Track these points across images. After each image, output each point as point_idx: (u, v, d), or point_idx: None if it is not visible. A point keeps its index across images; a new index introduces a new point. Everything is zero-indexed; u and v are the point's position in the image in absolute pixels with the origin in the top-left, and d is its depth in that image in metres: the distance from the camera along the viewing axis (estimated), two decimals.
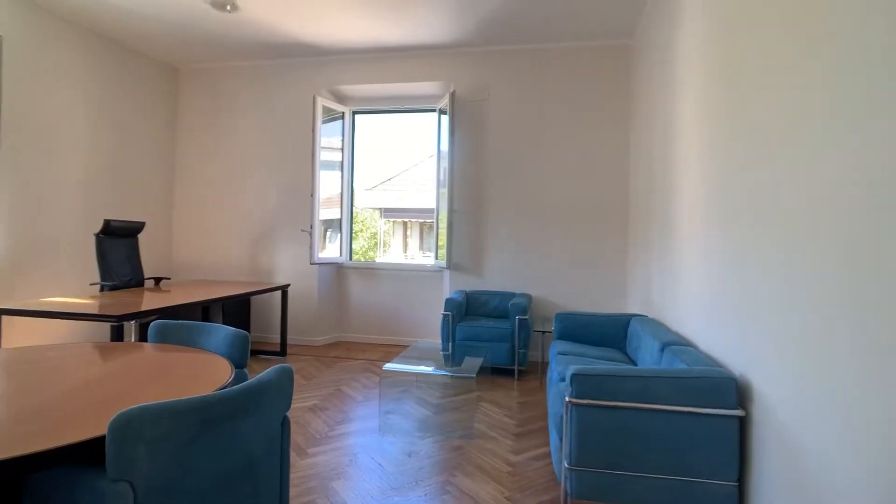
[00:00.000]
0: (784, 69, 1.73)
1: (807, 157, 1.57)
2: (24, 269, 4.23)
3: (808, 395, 1.53)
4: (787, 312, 1.66)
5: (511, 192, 4.94)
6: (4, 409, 1.48)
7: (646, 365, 2.79)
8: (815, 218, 1.51)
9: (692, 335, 2.70)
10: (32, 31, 4.23)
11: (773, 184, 1.79)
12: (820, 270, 1.48)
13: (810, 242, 1.54)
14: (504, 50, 4.95)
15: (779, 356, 1.72)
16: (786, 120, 1.71)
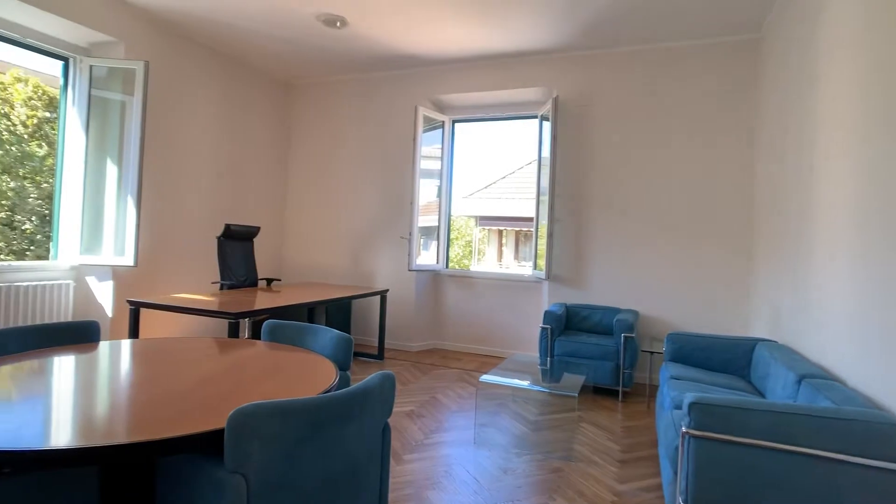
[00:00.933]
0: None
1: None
2: (159, 268, 4.70)
3: None
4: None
5: (617, 201, 4.70)
6: (144, 395, 1.61)
7: (776, 398, 2.48)
8: None
9: (836, 368, 2.36)
10: (171, 55, 4.73)
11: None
12: None
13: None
14: (611, 52, 4.74)
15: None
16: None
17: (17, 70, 5.42)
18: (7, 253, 5.17)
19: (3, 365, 1.84)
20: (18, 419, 1.41)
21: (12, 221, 5.26)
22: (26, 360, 1.92)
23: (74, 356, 2.03)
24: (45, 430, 1.36)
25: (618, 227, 4.69)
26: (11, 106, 5.31)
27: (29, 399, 1.59)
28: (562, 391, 3.19)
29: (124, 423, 1.39)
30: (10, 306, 3.70)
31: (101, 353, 2.09)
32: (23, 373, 1.79)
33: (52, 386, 1.71)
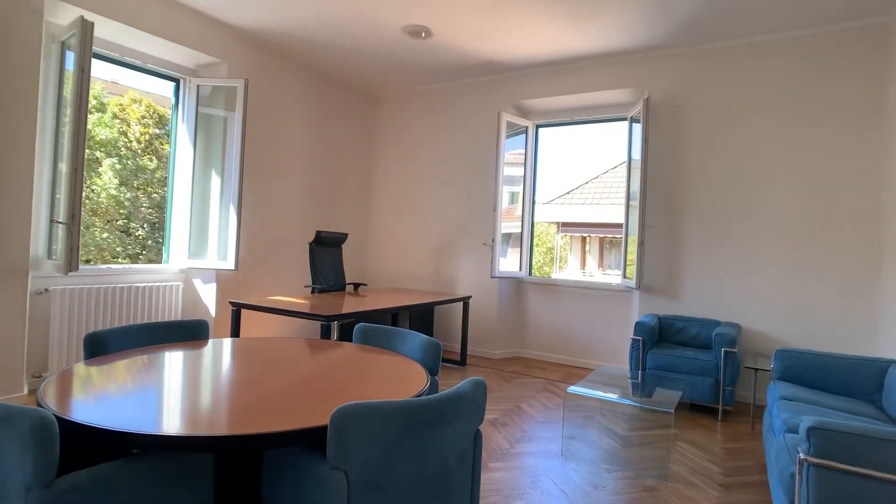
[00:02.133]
0: None
1: None
2: (257, 271, 5.01)
3: None
4: None
5: (716, 205, 4.40)
6: (251, 391, 1.71)
7: None
8: None
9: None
10: (267, 72, 5.05)
11: None
12: None
13: None
14: (709, 48, 4.46)
15: None
16: None
17: (132, 92, 6.05)
18: (123, 256, 5.75)
19: (130, 358, 2.04)
20: (145, 407, 1.55)
21: (128, 228, 5.85)
22: (148, 354, 2.11)
23: (189, 352, 2.20)
24: (167, 418, 1.49)
25: (717, 235, 4.39)
26: (129, 124, 5.92)
27: (153, 390, 1.74)
28: (657, 406, 3.02)
29: (235, 416, 1.48)
30: (128, 304, 4.09)
31: (212, 350, 2.26)
32: (146, 366, 1.97)
33: (170, 379, 1.87)
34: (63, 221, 3.38)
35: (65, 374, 1.76)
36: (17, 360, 3.33)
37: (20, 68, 3.28)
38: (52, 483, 1.22)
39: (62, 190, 3.47)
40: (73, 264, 3.35)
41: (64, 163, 3.45)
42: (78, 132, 3.30)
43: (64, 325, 3.70)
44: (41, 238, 3.58)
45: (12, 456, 1.21)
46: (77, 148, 3.30)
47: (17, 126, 3.29)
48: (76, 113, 3.31)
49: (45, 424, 1.20)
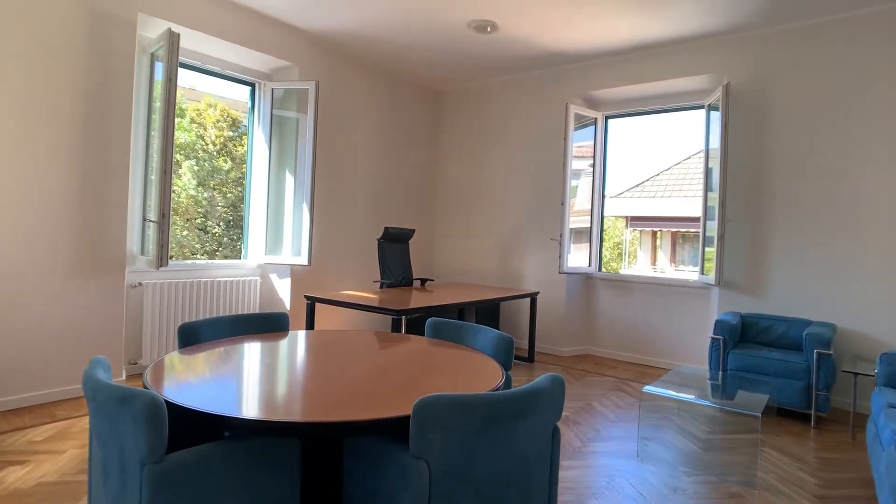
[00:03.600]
0: None
1: None
2: (328, 266, 5.18)
3: None
4: None
5: (808, 196, 4.09)
6: (332, 380, 1.77)
7: None
8: None
9: None
10: (336, 73, 5.19)
11: None
12: None
13: None
14: (799, 27, 4.14)
15: None
16: None
17: (208, 97, 6.40)
18: (202, 253, 6.11)
19: (219, 347, 2.16)
20: (235, 393, 1.64)
21: (205, 226, 6.21)
22: (236, 344, 2.22)
23: (273, 343, 2.30)
24: (257, 403, 1.56)
25: (808, 228, 4.08)
26: (205, 128, 6.28)
27: (242, 377, 1.84)
28: (743, 410, 2.86)
29: (320, 404, 1.53)
30: (210, 298, 4.34)
31: (293, 342, 2.35)
32: (235, 355, 2.08)
33: (257, 367, 1.96)
34: (154, 220, 3.63)
35: (163, 361, 1.89)
36: (116, 348, 3.64)
37: (117, 79, 3.57)
38: (163, 459, 1.31)
39: (153, 191, 3.73)
40: (164, 260, 3.59)
41: (154, 165, 3.71)
42: (166, 137, 3.54)
43: (155, 316, 3.98)
44: (135, 235, 3.87)
45: (129, 433, 1.32)
46: (166, 152, 3.54)
47: (114, 132, 3.58)
48: (164, 119, 3.54)
49: (157, 404, 1.30)
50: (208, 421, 1.38)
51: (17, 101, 3.13)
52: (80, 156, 3.40)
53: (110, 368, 1.63)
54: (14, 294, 3.17)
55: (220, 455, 1.40)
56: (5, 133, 3.09)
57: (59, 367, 3.36)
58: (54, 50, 3.25)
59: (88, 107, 3.43)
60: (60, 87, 3.29)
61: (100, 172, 3.50)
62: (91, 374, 1.47)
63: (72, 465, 2.50)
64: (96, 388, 1.41)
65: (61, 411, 3.18)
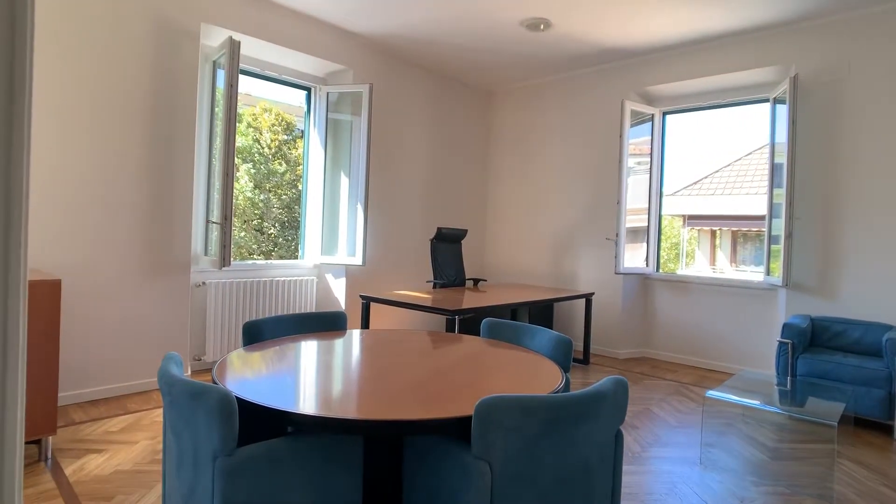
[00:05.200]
0: None
1: None
2: (382, 266, 5.26)
3: None
4: None
5: (881, 194, 3.82)
6: (390, 379, 1.79)
7: None
8: None
9: None
10: (389, 76, 5.26)
11: None
12: None
13: None
14: (873, 12, 3.87)
15: None
16: None
17: (263, 102, 6.62)
18: (258, 253, 6.33)
19: (282, 345, 2.23)
20: (299, 390, 1.69)
21: (262, 227, 6.42)
22: (297, 342, 2.29)
23: (332, 341, 2.35)
24: (320, 400, 1.60)
25: (882, 227, 3.81)
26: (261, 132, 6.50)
27: (304, 374, 1.89)
28: (817, 418, 2.70)
29: (382, 402, 1.55)
30: (269, 297, 4.49)
31: (351, 340, 2.40)
32: (297, 352, 2.14)
33: (319, 365, 2.01)
34: (217, 221, 3.79)
35: (229, 358, 1.96)
36: (182, 344, 3.82)
37: (182, 87, 3.75)
38: (234, 452, 1.36)
39: (215, 194, 3.89)
40: (227, 260, 3.75)
41: (216, 169, 3.87)
42: (228, 142, 3.69)
43: (218, 313, 4.16)
44: (199, 236, 4.05)
45: (202, 426, 1.38)
46: (228, 156, 3.69)
47: (179, 138, 3.76)
48: (226, 125, 3.70)
49: (229, 399, 1.36)
50: (273, 416, 1.43)
51: (90, 109, 3.33)
52: (148, 162, 3.60)
53: (182, 364, 1.72)
54: (89, 294, 3.37)
55: (287, 450, 1.44)
56: (79, 140, 3.30)
57: (129, 362, 3.56)
58: (123, 60, 3.44)
59: (155, 114, 3.62)
60: (129, 95, 3.48)
61: (166, 177, 3.69)
62: (166, 370, 1.54)
63: (145, 454, 2.64)
64: (171, 382, 1.49)
65: (133, 404, 3.36)
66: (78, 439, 2.79)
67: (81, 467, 2.47)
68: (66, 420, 3.04)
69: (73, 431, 2.88)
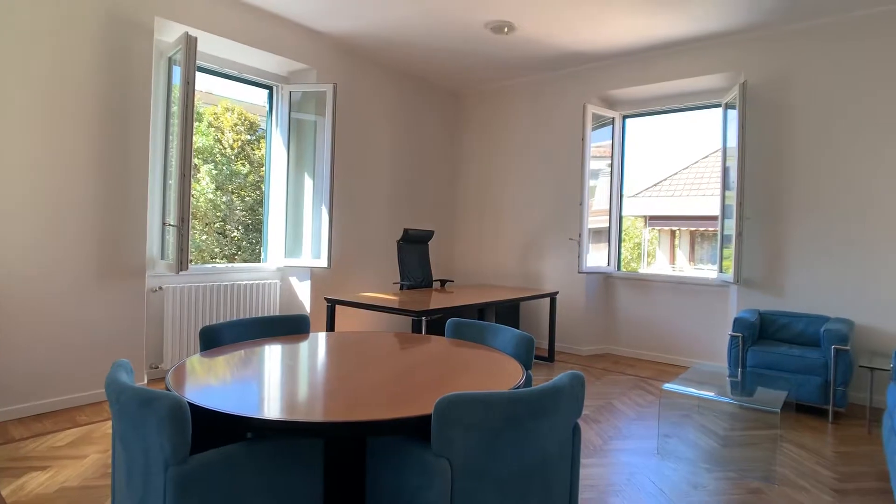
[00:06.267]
0: None
1: None
2: (348, 269, 5.22)
3: None
4: None
5: (823, 194, 4.05)
6: (354, 381, 1.79)
7: None
8: None
9: None
10: (354, 76, 5.23)
11: None
12: None
13: None
14: (816, 25, 4.09)
15: None
16: None
17: (225, 101, 6.48)
18: (220, 257, 6.20)
19: (241, 349, 2.20)
20: (258, 395, 1.67)
21: (224, 230, 6.29)
22: (257, 346, 2.26)
23: (294, 345, 2.34)
24: (280, 405, 1.59)
25: (825, 226, 4.04)
26: (223, 132, 6.36)
27: (264, 379, 1.87)
28: (762, 406, 2.84)
29: (343, 404, 1.56)
30: (231, 301, 4.40)
31: (314, 344, 2.39)
32: (256, 357, 2.12)
33: (279, 369, 2.00)
34: (174, 224, 3.68)
35: (185, 364, 1.93)
36: (137, 352, 3.68)
37: (135, 84, 3.62)
38: (187, 460, 1.34)
39: (172, 195, 3.79)
40: (184, 264, 3.65)
41: (173, 169, 3.77)
42: (185, 141, 3.60)
43: (176, 319, 4.05)
44: (155, 240, 3.94)
45: (152, 435, 1.35)
46: (185, 156, 3.60)
47: (133, 137, 3.63)
48: (183, 123, 3.60)
49: (180, 405, 1.32)
50: (231, 422, 1.41)
51: (38, 105, 3.18)
52: (99, 160, 3.46)
53: (133, 372, 1.67)
54: (34, 299, 3.20)
55: (244, 455, 1.43)
56: (26, 138, 3.14)
57: (80, 372, 3.40)
58: (72, 55, 3.31)
59: (107, 111, 3.48)
60: (79, 91, 3.34)
61: (119, 177, 3.56)
62: (114, 377, 1.49)
63: (94, 469, 2.51)
64: (120, 390, 1.44)
65: (83, 416, 3.20)
66: (18, 457, 2.62)
67: (21, 487, 2.31)
68: (5, 437, 2.85)
69: (13, 449, 2.71)
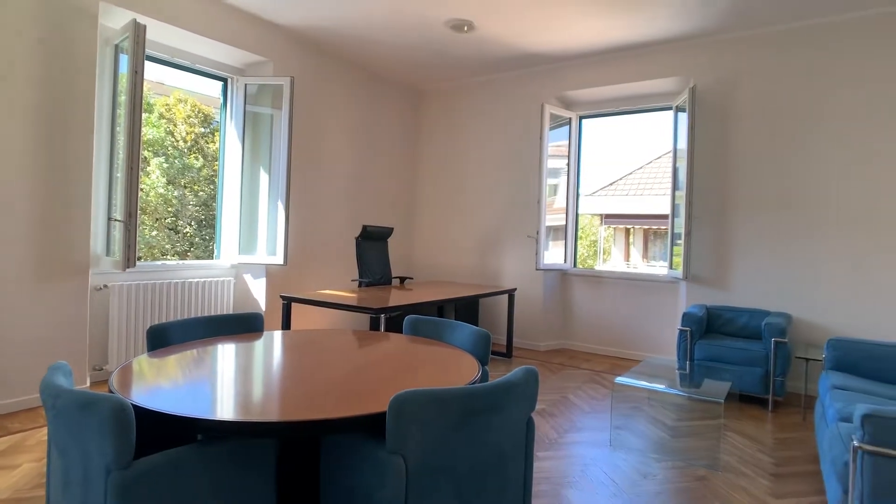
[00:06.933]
0: None
1: None
2: (305, 266, 5.13)
3: None
4: None
5: (765, 195, 4.26)
6: (309, 379, 1.77)
7: None
8: None
9: None
10: (312, 70, 5.13)
11: None
12: None
13: None
14: (760, 33, 4.29)
15: None
16: None
17: (178, 92, 6.25)
18: (172, 254, 5.98)
19: (191, 349, 2.13)
20: (208, 395, 1.63)
21: (176, 226, 6.07)
22: (208, 346, 2.20)
23: (247, 343, 2.29)
24: (231, 405, 1.55)
25: (766, 225, 4.25)
26: (175, 124, 6.14)
27: (214, 379, 1.82)
28: (706, 397, 2.97)
29: (296, 403, 1.54)
30: (182, 299, 4.26)
31: (267, 342, 2.34)
32: (207, 356, 2.06)
33: (231, 368, 1.95)
34: (120, 219, 3.53)
35: (131, 364, 1.86)
36: (80, 353, 3.51)
37: (78, 72, 3.43)
38: (131, 465, 1.28)
39: (119, 189, 3.63)
40: (131, 261, 3.50)
41: (120, 162, 3.61)
42: (133, 133, 3.45)
43: (122, 319, 3.88)
44: (100, 236, 3.76)
45: (92, 440, 1.29)
46: (132, 148, 3.45)
47: (76, 127, 3.44)
48: (131, 114, 3.44)
49: (123, 409, 1.27)
50: (180, 424, 1.37)
51: None
52: (38, 152, 3.27)
53: (72, 374, 1.60)
54: None
55: (193, 458, 1.39)
56: None
57: (14, 376, 3.20)
58: (9, 40, 3.12)
59: (47, 100, 3.30)
60: (15, 79, 3.15)
61: (60, 170, 3.37)
62: (50, 381, 1.42)
63: (27, 479, 2.37)
64: (56, 394, 1.37)
65: (15, 424, 3.01)
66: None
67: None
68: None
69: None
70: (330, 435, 1.57)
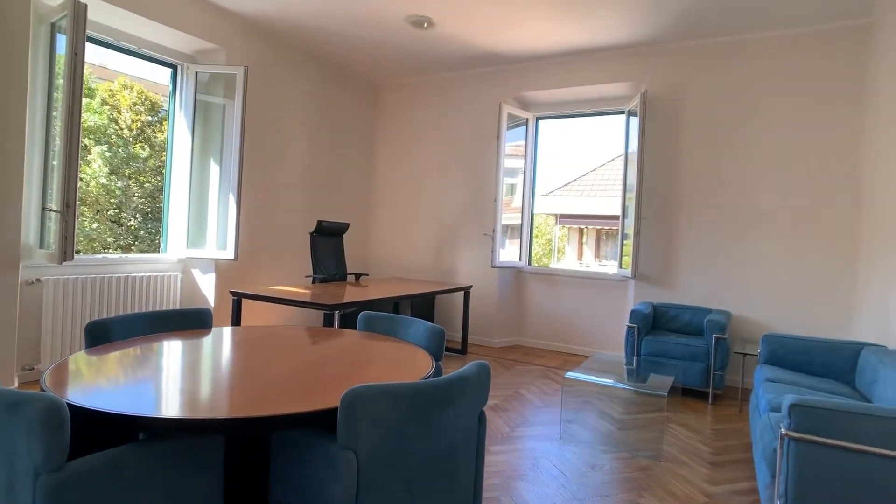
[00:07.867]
0: None
1: None
2: (257, 261, 5.00)
3: None
4: None
5: (709, 197, 4.47)
6: (259, 376, 1.73)
7: (888, 405, 2.29)
8: None
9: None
10: (268, 60, 5.00)
11: None
12: None
13: None
14: (705, 44, 4.50)
15: None
16: None
17: (123, 77, 5.94)
18: (114, 247, 5.69)
19: (133, 346, 2.05)
20: (151, 393, 1.57)
21: (119, 218, 5.79)
22: (152, 342, 2.12)
23: (194, 340, 2.21)
24: (175, 402, 1.50)
25: (709, 226, 4.46)
26: (119, 111, 5.84)
27: (159, 376, 1.76)
28: (650, 390, 3.09)
29: (245, 399, 1.50)
30: (125, 295, 4.06)
31: (216, 338, 2.27)
32: (151, 353, 1.98)
33: (177, 365, 1.88)
34: (57, 209, 3.31)
35: (66, 362, 1.76)
36: (7, 351, 3.26)
37: (7, 51, 3.17)
38: (63, 467, 1.21)
39: (55, 177, 3.40)
40: (69, 254, 3.30)
41: (57, 149, 3.39)
42: (72, 118, 3.24)
43: (57, 315, 3.66)
44: (32, 227, 3.51)
45: (20, 442, 1.21)
46: (71, 134, 3.25)
47: (5, 112, 3.20)
48: (69, 98, 3.23)
49: (55, 407, 1.20)
50: (120, 423, 1.31)
51: None
52: None
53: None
54: None
55: (133, 458, 1.33)
56: None
57: None
58: None
59: None
60: None
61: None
62: None
63: None
64: None
65: None
66: None
67: None
68: None
69: None
70: (280, 431, 1.54)
